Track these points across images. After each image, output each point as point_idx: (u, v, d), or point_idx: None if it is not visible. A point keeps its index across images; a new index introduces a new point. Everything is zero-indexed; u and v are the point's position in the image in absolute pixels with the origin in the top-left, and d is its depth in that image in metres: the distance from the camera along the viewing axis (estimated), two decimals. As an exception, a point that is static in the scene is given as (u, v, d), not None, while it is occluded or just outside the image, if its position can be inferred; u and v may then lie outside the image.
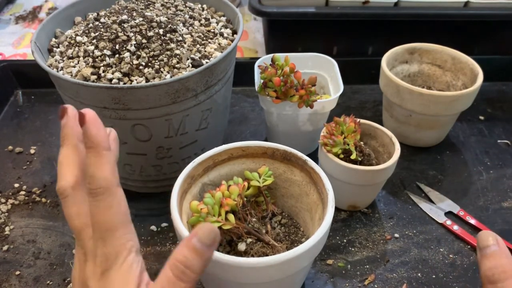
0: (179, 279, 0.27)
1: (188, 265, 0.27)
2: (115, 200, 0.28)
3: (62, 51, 0.51)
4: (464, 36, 0.80)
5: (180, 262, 0.27)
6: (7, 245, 0.52)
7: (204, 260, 0.28)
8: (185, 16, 0.56)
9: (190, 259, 0.27)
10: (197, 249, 0.27)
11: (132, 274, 0.28)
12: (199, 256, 0.27)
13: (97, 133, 0.28)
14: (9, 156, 0.65)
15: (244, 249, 0.41)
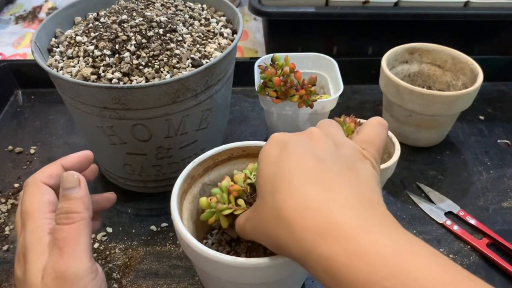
0: (66, 224, 0.31)
1: (68, 210, 0.31)
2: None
3: (62, 51, 0.51)
4: (464, 36, 0.80)
5: (60, 212, 0.32)
6: (7, 245, 0.52)
7: (79, 199, 0.32)
8: (185, 16, 0.55)
9: (66, 207, 0.32)
10: (67, 195, 0.32)
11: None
12: (72, 199, 0.32)
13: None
14: (9, 156, 0.65)
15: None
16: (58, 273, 0.29)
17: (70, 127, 0.70)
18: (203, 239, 0.47)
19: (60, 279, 0.29)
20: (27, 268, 0.31)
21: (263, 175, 0.31)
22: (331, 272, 0.25)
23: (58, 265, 0.30)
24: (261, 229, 0.31)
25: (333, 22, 0.77)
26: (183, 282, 0.49)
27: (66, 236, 0.31)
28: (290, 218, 0.28)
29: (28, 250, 0.31)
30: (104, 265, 0.50)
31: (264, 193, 0.30)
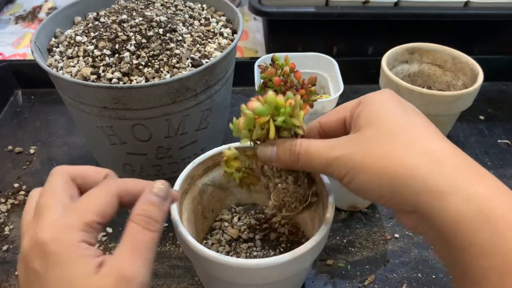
0: (146, 228, 0.28)
1: (151, 216, 0.29)
2: None
3: (62, 51, 0.51)
4: (464, 36, 0.80)
5: (143, 214, 0.29)
6: (6, 245, 0.52)
7: (163, 211, 0.30)
8: (185, 15, 0.55)
9: (150, 211, 0.29)
10: (154, 202, 0.30)
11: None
12: (157, 207, 0.30)
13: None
14: (8, 156, 0.65)
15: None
16: (124, 277, 0.26)
17: (70, 127, 0.70)
18: (203, 239, 0.47)
19: (123, 283, 0.26)
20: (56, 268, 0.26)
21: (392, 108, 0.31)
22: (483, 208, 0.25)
23: (126, 269, 0.27)
24: (374, 158, 0.28)
25: (333, 22, 0.77)
26: (183, 282, 0.49)
27: (144, 240, 0.28)
28: (439, 152, 0.27)
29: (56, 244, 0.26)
30: (104, 265, 0.50)
31: (395, 126, 0.29)
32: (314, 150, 0.31)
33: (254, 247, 0.46)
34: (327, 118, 0.34)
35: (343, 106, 0.33)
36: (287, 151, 0.32)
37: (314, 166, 0.31)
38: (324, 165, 0.30)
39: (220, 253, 0.44)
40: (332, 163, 0.30)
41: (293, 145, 0.32)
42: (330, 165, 0.30)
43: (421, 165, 0.27)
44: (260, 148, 0.34)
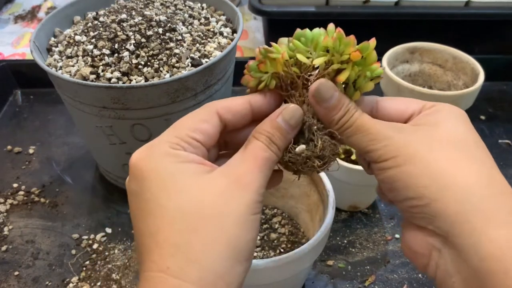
0: (268, 147, 0.26)
1: (273, 140, 0.26)
2: None
3: (61, 50, 0.51)
4: (465, 36, 0.80)
5: (265, 135, 0.26)
6: (6, 245, 0.52)
7: (287, 140, 0.27)
8: (185, 15, 0.55)
9: (273, 135, 0.26)
10: (281, 127, 0.26)
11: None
12: (282, 134, 0.26)
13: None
14: (8, 156, 0.64)
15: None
16: (240, 180, 0.24)
17: (69, 127, 0.69)
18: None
19: (238, 185, 0.24)
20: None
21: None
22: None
23: (244, 175, 0.24)
24: (437, 156, 0.25)
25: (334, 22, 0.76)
26: (182, 283, 0.48)
27: (265, 157, 0.25)
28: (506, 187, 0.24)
29: (142, 161, 0.25)
30: (103, 266, 0.50)
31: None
32: (368, 120, 0.27)
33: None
34: (391, 102, 0.30)
35: (414, 100, 0.29)
36: (344, 106, 0.27)
37: (359, 136, 0.27)
38: (372, 139, 0.26)
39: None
40: (383, 140, 0.26)
41: (351, 105, 0.28)
42: (379, 141, 0.26)
43: (483, 180, 0.24)
44: (323, 82, 0.27)
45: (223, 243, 0.23)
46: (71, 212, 0.56)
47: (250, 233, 0.24)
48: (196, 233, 0.23)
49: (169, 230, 0.23)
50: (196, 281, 0.22)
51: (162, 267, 0.22)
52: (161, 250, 0.23)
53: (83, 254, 0.51)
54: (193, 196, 0.23)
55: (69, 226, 0.54)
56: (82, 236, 0.53)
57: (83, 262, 0.50)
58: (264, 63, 0.28)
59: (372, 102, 0.30)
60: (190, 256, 0.22)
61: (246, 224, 0.23)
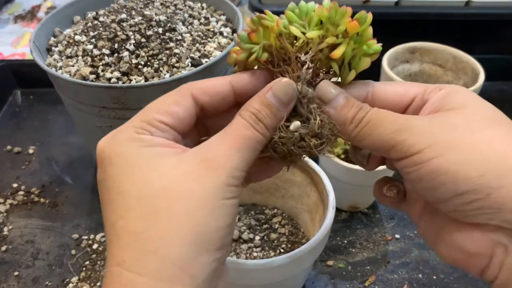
0: (253, 126, 0.23)
1: (260, 118, 0.23)
2: None
3: (61, 50, 0.51)
4: (465, 36, 0.80)
5: (252, 113, 0.23)
6: (5, 246, 0.52)
7: (278, 118, 0.24)
8: (185, 15, 0.55)
9: (261, 113, 0.23)
10: (270, 103, 0.23)
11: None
12: (271, 111, 0.23)
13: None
14: (7, 156, 0.64)
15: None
16: (208, 160, 0.21)
17: (69, 127, 0.69)
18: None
19: (208, 164, 0.21)
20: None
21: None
22: None
23: (216, 155, 0.22)
24: (479, 137, 0.22)
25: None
26: (182, 283, 0.48)
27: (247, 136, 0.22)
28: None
29: (107, 148, 0.23)
30: (103, 266, 0.50)
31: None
32: (388, 112, 0.24)
33: (254, 248, 0.46)
34: (388, 86, 0.27)
35: (412, 83, 0.26)
36: (356, 103, 0.24)
37: (381, 131, 0.23)
38: (398, 128, 0.22)
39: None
40: (411, 129, 0.22)
41: (364, 104, 0.24)
42: (407, 129, 0.22)
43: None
44: (324, 82, 0.25)
45: (186, 229, 0.20)
46: (71, 212, 0.56)
47: (221, 219, 0.21)
48: (155, 218, 0.20)
49: (127, 218, 0.21)
50: (153, 273, 0.19)
51: (119, 260, 0.20)
52: (119, 241, 0.20)
53: (83, 254, 0.51)
54: (156, 179, 0.21)
55: (69, 226, 0.54)
56: (82, 236, 0.53)
57: (83, 262, 0.50)
58: (256, 31, 0.25)
59: (367, 86, 0.26)
60: (147, 245, 0.20)
61: (216, 209, 0.21)
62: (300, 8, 0.25)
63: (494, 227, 0.21)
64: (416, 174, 0.22)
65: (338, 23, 0.25)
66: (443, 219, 0.23)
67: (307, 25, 0.25)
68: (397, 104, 0.26)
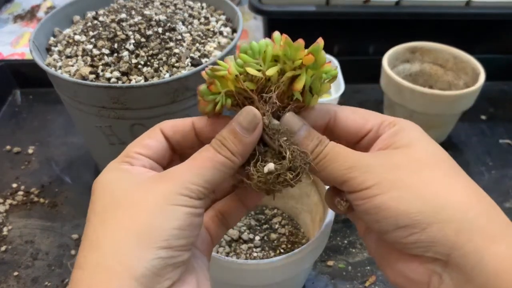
0: (216, 150, 0.25)
1: (226, 144, 0.25)
2: None
3: (61, 50, 0.51)
4: (465, 35, 0.80)
5: (219, 139, 0.26)
6: (5, 246, 0.52)
7: (244, 144, 0.26)
8: (184, 14, 0.55)
9: (226, 139, 0.25)
10: (234, 130, 0.25)
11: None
12: (236, 138, 0.25)
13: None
14: (7, 156, 0.64)
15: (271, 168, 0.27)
16: (172, 172, 0.25)
17: (68, 127, 0.69)
18: (202, 240, 0.46)
19: (168, 175, 0.25)
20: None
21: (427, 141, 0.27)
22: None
23: (173, 170, 0.25)
24: (420, 178, 0.24)
25: (334, 21, 0.76)
26: (182, 283, 0.48)
27: (208, 156, 0.25)
28: (489, 199, 0.25)
29: (95, 185, 0.26)
30: (102, 266, 0.50)
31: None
32: (344, 148, 0.26)
33: (254, 248, 0.45)
34: (350, 114, 0.28)
35: (373, 113, 0.28)
36: (316, 137, 0.27)
37: (336, 166, 0.25)
38: (350, 166, 0.25)
39: (219, 254, 0.43)
40: (362, 167, 0.25)
41: (324, 137, 0.27)
42: (357, 168, 0.25)
43: (473, 198, 0.24)
44: (288, 116, 0.27)
45: (131, 229, 0.23)
46: (71, 212, 0.56)
47: (167, 221, 0.23)
48: (105, 223, 0.23)
49: (86, 229, 0.24)
50: (94, 265, 0.22)
51: (76, 264, 0.23)
52: (80, 250, 0.24)
53: (82, 255, 0.51)
54: (115, 192, 0.24)
55: (69, 226, 0.54)
56: (82, 237, 0.53)
57: (82, 263, 0.50)
58: (213, 83, 0.26)
59: (329, 112, 0.28)
60: (93, 245, 0.23)
61: (162, 212, 0.23)
62: (252, 48, 0.26)
63: (430, 258, 0.23)
64: (363, 207, 0.25)
65: (294, 58, 0.26)
66: (388, 246, 0.26)
67: (262, 62, 0.26)
68: (354, 133, 0.28)
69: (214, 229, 0.29)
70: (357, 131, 0.28)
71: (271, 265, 0.35)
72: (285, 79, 0.26)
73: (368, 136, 0.28)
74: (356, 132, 0.28)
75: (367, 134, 0.28)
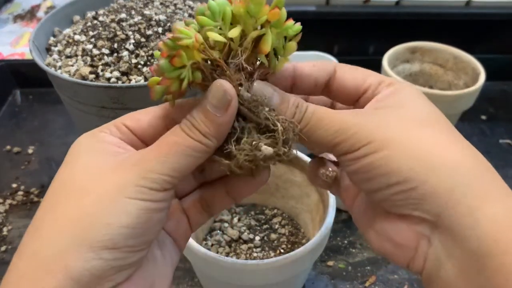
0: (184, 132, 0.23)
1: (197, 126, 0.23)
2: None
3: (60, 50, 0.51)
4: (465, 35, 0.80)
5: (188, 120, 0.23)
6: (5, 246, 0.52)
7: (218, 125, 0.23)
8: (184, 14, 0.55)
9: (196, 119, 0.23)
10: (207, 111, 0.22)
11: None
12: (209, 119, 0.22)
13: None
14: (7, 156, 0.64)
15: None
16: (136, 158, 0.22)
17: (68, 127, 0.69)
18: (202, 240, 0.46)
19: (130, 161, 0.22)
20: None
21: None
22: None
23: (133, 156, 0.22)
24: (413, 135, 0.23)
25: (334, 21, 0.76)
26: (182, 283, 0.48)
27: (176, 142, 0.22)
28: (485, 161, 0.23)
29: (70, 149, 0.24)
30: (102, 266, 0.50)
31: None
32: (325, 110, 0.24)
33: (254, 248, 0.45)
34: (349, 72, 0.27)
35: (372, 73, 0.27)
36: (291, 103, 0.24)
37: (322, 132, 0.24)
38: (337, 129, 0.23)
39: (219, 254, 0.43)
40: (351, 127, 0.23)
41: (299, 101, 0.25)
42: (346, 130, 0.23)
43: (468, 158, 0.23)
44: (256, 85, 0.24)
45: (73, 221, 0.20)
46: (71, 213, 0.56)
47: (114, 216, 0.20)
48: (52, 208, 0.21)
49: (39, 209, 0.22)
50: (31, 255, 0.20)
51: (18, 249, 0.21)
52: (25, 233, 0.21)
53: (82, 255, 0.51)
54: (73, 169, 0.22)
55: (69, 226, 0.54)
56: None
57: (82, 263, 0.50)
58: (178, 55, 0.22)
59: (289, 70, 0.26)
60: (38, 231, 0.20)
61: (111, 206, 0.20)
62: (211, 8, 0.23)
63: (418, 219, 0.22)
64: (353, 168, 0.23)
65: (257, 14, 0.23)
66: (375, 209, 0.25)
67: (223, 25, 0.23)
68: (353, 91, 0.26)
69: (195, 214, 0.27)
70: (356, 89, 0.26)
71: (271, 265, 0.35)
72: (249, 41, 0.23)
73: (365, 95, 0.26)
74: (355, 90, 0.26)
75: (365, 93, 0.26)
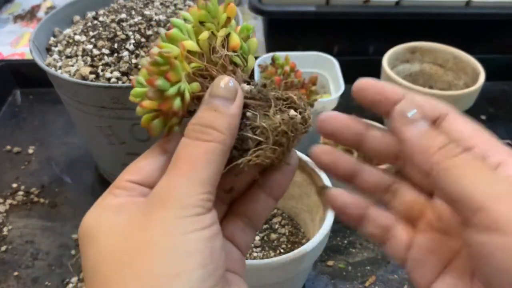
0: (198, 139, 0.21)
1: (207, 124, 0.21)
2: None
3: (61, 50, 0.51)
4: (465, 35, 0.80)
5: (196, 124, 0.21)
6: (5, 246, 0.52)
7: (228, 116, 0.21)
8: (185, 15, 0.55)
9: (205, 117, 0.21)
10: (214, 105, 0.21)
11: None
12: (219, 113, 0.21)
13: None
14: (7, 156, 0.64)
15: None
16: (160, 192, 0.20)
17: (68, 127, 0.69)
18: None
19: (158, 199, 0.20)
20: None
21: None
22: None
23: (161, 184, 0.20)
24: None
25: (334, 21, 0.76)
26: (182, 283, 0.48)
27: (192, 153, 0.20)
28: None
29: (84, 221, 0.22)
30: (103, 266, 0.50)
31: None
32: (479, 162, 0.20)
33: (254, 248, 0.45)
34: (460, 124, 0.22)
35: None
36: (439, 132, 0.21)
37: (467, 184, 0.19)
38: (488, 193, 0.18)
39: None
40: (497, 197, 0.18)
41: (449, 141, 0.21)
42: (494, 200, 0.18)
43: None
44: (404, 104, 0.23)
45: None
46: (71, 212, 0.56)
47: (188, 262, 0.18)
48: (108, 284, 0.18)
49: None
50: None
51: None
52: None
53: (82, 255, 0.51)
54: (105, 244, 0.19)
55: (69, 226, 0.54)
56: None
57: (82, 263, 0.50)
58: (172, 67, 0.21)
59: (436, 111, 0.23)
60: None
61: (175, 252, 0.18)
62: (178, 25, 0.23)
63: None
64: (483, 250, 0.18)
65: (217, 14, 0.23)
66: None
67: (190, 34, 0.23)
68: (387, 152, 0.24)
69: (240, 237, 0.24)
70: (388, 149, 0.23)
71: (271, 265, 0.35)
72: (220, 40, 0.23)
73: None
74: (387, 151, 0.23)
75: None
